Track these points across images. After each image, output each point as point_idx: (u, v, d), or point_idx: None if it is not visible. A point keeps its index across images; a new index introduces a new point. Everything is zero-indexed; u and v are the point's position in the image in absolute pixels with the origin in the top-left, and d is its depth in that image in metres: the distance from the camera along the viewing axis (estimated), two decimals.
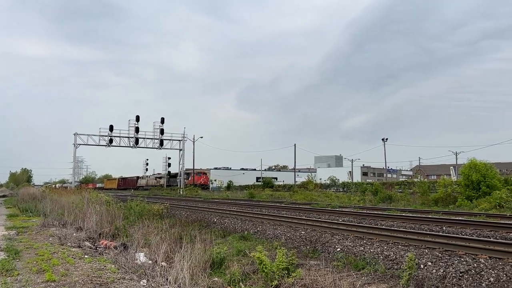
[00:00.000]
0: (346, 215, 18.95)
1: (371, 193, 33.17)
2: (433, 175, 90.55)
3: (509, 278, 6.66)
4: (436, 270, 7.54)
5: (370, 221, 16.18)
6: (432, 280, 6.95)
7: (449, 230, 12.83)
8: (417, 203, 26.70)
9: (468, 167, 26.25)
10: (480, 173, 25.08)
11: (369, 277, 7.71)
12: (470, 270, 7.30)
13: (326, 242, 11.13)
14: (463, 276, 7.08)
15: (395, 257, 8.74)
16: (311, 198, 35.03)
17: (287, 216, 17.73)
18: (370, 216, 17.88)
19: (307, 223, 14.47)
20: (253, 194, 41.83)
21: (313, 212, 20.97)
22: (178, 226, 14.81)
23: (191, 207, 26.08)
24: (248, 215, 19.05)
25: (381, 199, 29.68)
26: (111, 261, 8.92)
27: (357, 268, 8.48)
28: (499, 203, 21.42)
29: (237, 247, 11.36)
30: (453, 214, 18.66)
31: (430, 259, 8.22)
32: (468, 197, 24.53)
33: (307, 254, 10.30)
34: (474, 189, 24.99)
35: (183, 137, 63.03)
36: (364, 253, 9.50)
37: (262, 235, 13.65)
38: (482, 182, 24.74)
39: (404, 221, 15.72)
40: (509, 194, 22.29)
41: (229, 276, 8.60)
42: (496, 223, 13.89)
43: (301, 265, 8.97)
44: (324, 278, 7.34)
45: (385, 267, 8.18)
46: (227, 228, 15.65)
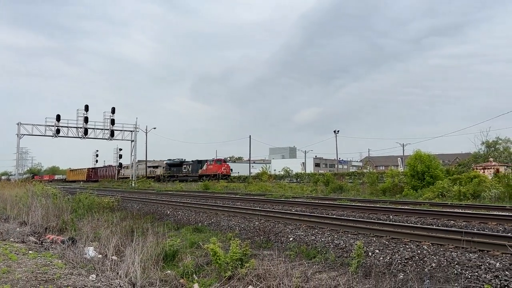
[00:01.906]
0: (299, 205, 19.31)
1: (323, 184, 33.99)
2: (382, 166, 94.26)
3: (449, 263, 7.06)
4: (383, 258, 7.87)
5: (321, 211, 16.58)
6: (379, 267, 7.25)
7: (396, 219, 13.42)
8: (366, 193, 27.69)
9: (413, 159, 27.54)
10: (425, 164, 26.38)
11: (320, 266, 7.91)
12: (414, 256, 7.67)
13: (279, 232, 11.29)
14: (407, 263, 7.44)
15: (345, 246, 9.03)
16: (265, 189, 35.37)
17: (242, 207, 17.81)
18: (322, 206, 18.34)
19: (261, 214, 14.61)
20: (207, 185, 41.60)
21: (267, 203, 21.19)
22: (129, 219, 14.48)
23: (144, 200, 25.57)
24: (202, 207, 18.95)
25: (333, 190, 30.52)
26: (57, 256, 8.57)
27: (309, 257, 8.68)
28: (441, 192, 22.65)
29: (191, 239, 11.28)
30: (399, 203, 19.52)
31: (378, 247, 8.56)
32: (414, 187, 25.74)
33: (261, 244, 10.40)
34: (419, 179, 26.26)
35: (135, 127, 61.39)
36: (316, 242, 9.73)
37: (217, 226, 13.63)
38: (426, 172, 26.04)
39: (353, 210, 16.25)
40: (450, 184, 23.62)
41: (182, 268, 8.52)
42: (439, 211, 14.69)
43: (254, 255, 9.04)
44: (276, 268, 7.44)
45: (335, 255, 8.43)
46: (180, 221, 15.49)
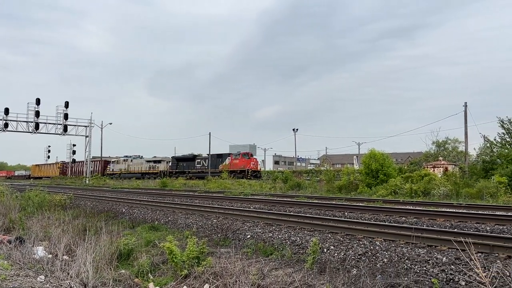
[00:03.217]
0: (257, 202, 19.42)
1: (282, 181, 34.37)
2: (339, 164, 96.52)
3: (400, 258, 7.33)
4: (337, 254, 8.05)
5: (279, 208, 16.76)
6: (334, 263, 7.41)
7: (351, 216, 13.79)
8: (323, 190, 28.29)
9: (368, 157, 28.42)
10: (379, 162, 27.29)
11: (276, 262, 7.98)
12: (367, 252, 7.91)
13: (237, 229, 11.29)
14: (361, 258, 7.65)
15: (301, 242, 9.17)
16: (224, 186, 35.29)
17: (200, 205, 17.67)
18: (280, 203, 18.54)
19: (219, 211, 14.56)
20: (165, 183, 40.96)
21: (226, 200, 21.16)
22: (82, 217, 13.98)
23: (98, 197, 24.81)
24: (159, 204, 18.63)
25: (291, 187, 30.93)
26: (3, 257, 8.11)
27: (266, 254, 8.73)
28: (394, 190, 23.53)
29: (147, 238, 11.06)
30: (354, 201, 20.09)
31: (333, 243, 8.75)
32: (368, 184, 26.58)
33: (218, 242, 10.36)
34: (373, 177, 27.14)
35: (89, 123, 59.27)
36: (273, 239, 9.81)
37: (173, 224, 13.44)
38: (380, 170, 26.95)
39: (310, 207, 16.54)
40: (402, 181, 24.57)
41: (137, 267, 8.33)
42: (391, 208, 15.23)
43: (212, 253, 8.99)
44: (233, 266, 7.42)
45: (291, 252, 8.53)
46: (136, 219, 15.14)
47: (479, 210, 14.86)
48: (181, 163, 55.93)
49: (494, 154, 28.26)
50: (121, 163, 65.27)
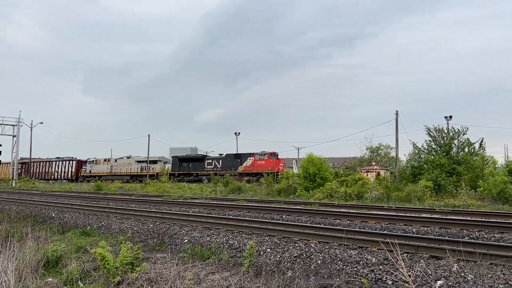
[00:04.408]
0: (197, 206, 19.21)
1: (223, 184, 34.30)
2: None
3: (332, 260, 7.58)
4: (274, 256, 8.16)
5: (219, 211, 16.70)
6: (270, 266, 7.49)
7: (288, 218, 14.06)
8: (263, 194, 28.60)
9: (306, 161, 29.20)
10: (316, 166, 28.13)
11: (213, 266, 7.92)
12: (302, 254, 8.09)
13: (174, 234, 11.08)
14: (296, 260, 7.81)
15: (239, 246, 9.18)
16: (163, 190, 34.54)
17: (136, 209, 17.14)
18: (219, 206, 18.47)
19: (156, 216, 14.21)
20: (100, 186, 39.27)
21: (164, 204, 20.71)
22: (6, 223, 13.01)
23: (26, 201, 23.24)
24: (92, 208, 17.82)
25: (231, 190, 30.96)
26: None
27: (203, 258, 8.64)
28: (330, 193, 24.34)
29: (77, 244, 10.50)
30: (292, 204, 20.50)
31: (270, 246, 8.86)
32: (306, 188, 27.28)
33: (154, 247, 10.09)
34: (311, 180, 27.92)
35: (18, 121, 55.57)
36: (211, 243, 9.74)
37: (107, 229, 12.91)
38: (317, 174, 27.78)
39: (250, 210, 16.65)
40: (338, 185, 25.50)
41: (66, 275, 7.88)
42: (327, 211, 15.73)
43: (147, 259, 8.74)
44: (169, 271, 7.27)
45: (229, 255, 8.51)
46: (67, 224, 14.35)
47: (407, 212, 15.79)
48: (185, 163, 49.76)
49: (421, 160, 30.17)
50: (101, 163, 57.28)
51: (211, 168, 46.92)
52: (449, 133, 31.13)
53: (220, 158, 47.12)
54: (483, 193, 20.97)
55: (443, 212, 15.62)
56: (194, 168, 48.73)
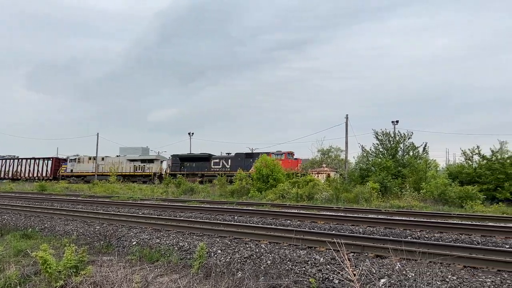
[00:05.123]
0: (147, 207, 18.80)
1: (175, 185, 33.79)
2: None
3: (282, 260, 7.68)
4: (224, 257, 8.14)
5: (170, 213, 16.43)
6: (220, 267, 7.47)
7: (240, 219, 14.08)
8: (216, 195, 28.46)
9: (260, 163, 29.41)
10: (269, 168, 28.41)
11: (162, 269, 7.77)
12: (252, 255, 8.13)
13: (122, 236, 10.77)
14: (246, 261, 7.84)
15: (189, 247, 9.08)
16: (112, 190, 33.49)
17: (82, 210, 16.49)
18: (171, 208, 18.18)
19: (103, 217, 13.75)
20: (44, 186, 37.44)
21: (113, 205, 20.09)
22: None
23: None
24: (35, 210, 16.94)
25: (184, 191, 30.57)
26: None
27: (152, 260, 8.47)
28: (282, 194, 24.66)
29: (17, 247, 9.94)
30: (245, 205, 20.57)
31: (221, 247, 8.84)
32: (259, 189, 27.47)
33: (101, 249, 9.76)
34: (264, 182, 28.15)
35: None
36: (160, 245, 9.56)
37: (51, 232, 12.32)
38: (270, 176, 28.06)
39: (202, 212, 16.52)
40: (290, 186, 25.89)
41: (4, 280, 7.44)
42: (278, 212, 15.92)
43: (93, 262, 8.43)
44: (116, 274, 7.06)
45: (179, 257, 8.40)
46: (6, 226, 13.55)
47: (355, 213, 16.31)
48: (187, 163, 45.71)
49: (369, 163, 31.27)
50: (86, 162, 51.77)
51: (219, 168, 43.40)
52: (396, 137, 32.50)
53: (229, 158, 43.94)
54: (426, 194, 22.07)
55: (388, 213, 16.27)
56: (198, 168, 44.60)
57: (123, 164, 49.25)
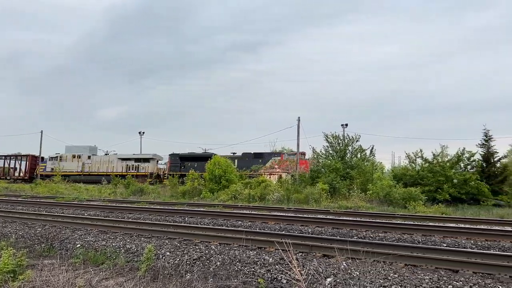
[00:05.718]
0: (93, 208, 18.13)
1: (124, 186, 32.83)
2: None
3: (232, 261, 7.67)
4: (173, 259, 8.01)
5: (118, 214, 15.95)
6: (168, 269, 7.35)
7: (191, 221, 13.93)
8: (167, 196, 27.98)
9: (212, 163, 29.26)
10: (222, 168, 28.33)
11: (107, 272, 7.53)
12: (202, 256, 8.06)
13: (66, 238, 10.32)
14: (195, 263, 7.76)
15: (137, 250, 8.86)
16: (56, 191, 31.98)
17: (22, 212, 15.61)
18: (119, 209, 17.65)
19: (46, 219, 13.11)
20: None
21: (57, 206, 19.19)
22: None
23: None
24: None
25: (133, 192, 29.78)
26: None
27: (97, 263, 8.18)
28: (234, 195, 24.68)
29: None
30: (196, 206, 20.38)
31: (169, 249, 8.69)
32: (211, 189, 27.32)
33: (42, 253, 9.29)
34: (216, 182, 28.04)
35: None
36: (106, 247, 9.25)
37: None
38: (223, 176, 27.99)
39: (151, 213, 16.17)
40: (242, 187, 25.96)
41: None
42: (230, 212, 15.91)
43: (33, 266, 8.01)
44: (57, 278, 6.74)
45: (125, 260, 8.17)
46: None
47: (305, 213, 16.63)
48: (188, 163, 42.05)
49: (319, 164, 32.03)
50: (69, 160, 47.18)
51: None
52: (345, 140, 33.50)
53: (235, 158, 41.10)
54: (372, 195, 22.92)
55: (336, 213, 16.74)
56: (201, 169, 39.47)
57: (114, 163, 45.70)
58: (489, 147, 24.69)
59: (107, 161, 45.91)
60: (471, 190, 22.56)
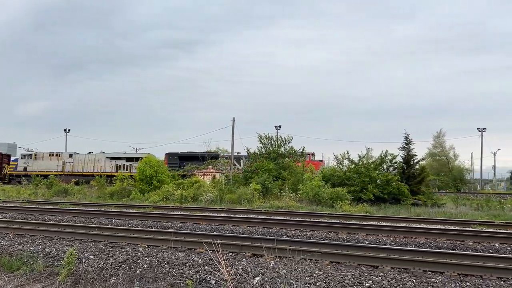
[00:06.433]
0: (10, 210, 16.85)
1: (46, 186, 30.80)
2: None
3: (160, 263, 7.50)
4: (97, 263, 7.66)
5: (38, 216, 14.96)
6: (92, 273, 7.01)
7: (118, 223, 13.42)
8: (93, 197, 26.70)
9: (143, 163, 28.42)
10: (153, 168, 27.62)
11: (23, 278, 7.02)
12: (128, 259, 7.79)
13: None
14: (121, 266, 7.48)
15: (57, 254, 8.36)
16: None
17: None
18: (39, 211, 16.56)
19: None
20: None
21: None
22: None
23: None
24: None
25: (56, 193, 28.07)
26: None
27: (11, 269, 7.59)
28: (166, 196, 24.15)
29: None
30: (125, 207, 19.67)
31: (93, 252, 8.30)
32: (141, 190, 26.49)
33: None
34: (147, 183, 27.25)
35: None
36: (23, 252, 8.62)
37: None
38: (154, 177, 27.28)
39: (75, 215, 15.36)
40: (175, 188, 25.49)
41: None
42: (160, 214, 15.56)
43: None
44: None
45: (44, 265, 7.66)
46: None
47: (237, 214, 16.72)
48: (189, 163, 39.06)
49: (253, 165, 32.37)
50: (45, 159, 42.92)
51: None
52: (277, 141, 34.20)
53: (240, 158, 39.01)
54: (302, 195, 23.59)
55: (268, 213, 17.02)
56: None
57: (101, 162, 42.24)
58: (409, 150, 26.39)
59: (93, 160, 42.30)
60: (393, 190, 23.99)
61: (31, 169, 42.68)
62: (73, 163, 43.16)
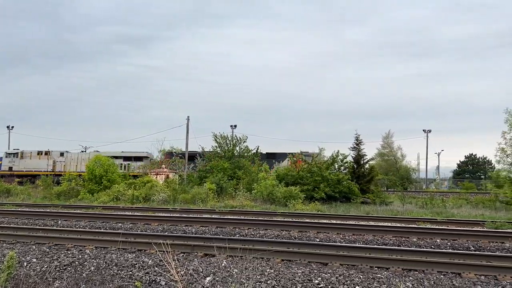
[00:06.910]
0: None
1: None
2: None
3: (107, 265, 7.28)
4: (40, 266, 7.30)
5: None
6: (33, 277, 6.68)
7: (64, 224, 12.88)
8: (39, 197, 25.48)
9: (93, 162, 27.45)
10: (103, 168, 26.74)
11: None
12: (74, 261, 7.50)
13: None
14: (66, 269, 7.18)
15: None
16: None
17: None
18: None
19: None
20: None
21: None
22: None
23: None
24: None
25: None
26: None
27: None
28: (117, 196, 23.45)
29: None
30: (73, 208, 18.91)
31: (37, 255, 7.91)
32: (90, 190, 25.57)
33: None
34: (97, 183, 26.35)
35: None
36: None
37: None
38: (104, 176, 26.42)
39: (18, 216, 14.58)
40: (126, 188, 24.80)
41: None
42: (109, 214, 15.09)
43: None
44: None
45: None
46: None
47: (190, 213, 16.55)
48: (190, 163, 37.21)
49: (207, 164, 32.14)
50: (33, 157, 39.43)
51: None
52: (233, 141, 34.17)
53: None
54: (257, 194, 23.72)
55: (221, 213, 16.96)
56: None
57: None
58: (359, 150, 27.25)
59: (87, 159, 38.48)
60: (344, 189, 24.70)
61: (17, 168, 39.95)
62: (64, 162, 40.60)
